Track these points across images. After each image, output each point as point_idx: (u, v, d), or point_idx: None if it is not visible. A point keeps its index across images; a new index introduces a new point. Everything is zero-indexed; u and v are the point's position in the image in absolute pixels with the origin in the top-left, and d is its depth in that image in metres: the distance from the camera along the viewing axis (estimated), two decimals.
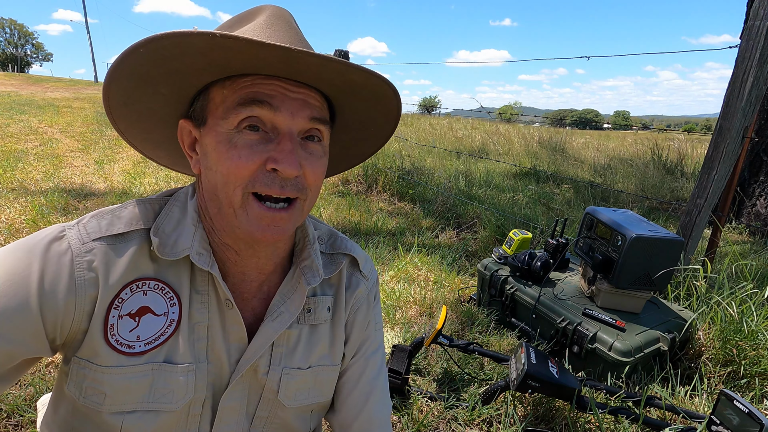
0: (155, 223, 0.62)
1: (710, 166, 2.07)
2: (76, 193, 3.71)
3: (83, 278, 0.56)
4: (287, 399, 0.69)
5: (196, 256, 0.61)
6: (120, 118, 0.63)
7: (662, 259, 1.72)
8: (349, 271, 0.76)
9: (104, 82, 0.56)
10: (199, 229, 0.63)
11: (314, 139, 0.60)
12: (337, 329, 0.74)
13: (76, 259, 0.56)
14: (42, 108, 10.15)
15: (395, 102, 0.64)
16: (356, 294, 0.76)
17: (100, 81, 34.10)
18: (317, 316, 0.71)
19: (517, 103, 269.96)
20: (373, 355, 0.80)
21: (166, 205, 0.64)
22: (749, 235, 4.03)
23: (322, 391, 0.74)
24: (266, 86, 0.56)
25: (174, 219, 0.63)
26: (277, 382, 0.68)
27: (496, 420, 1.47)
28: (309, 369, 0.71)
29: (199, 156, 0.62)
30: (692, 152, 6.76)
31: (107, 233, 0.58)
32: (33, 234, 0.58)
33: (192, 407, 0.63)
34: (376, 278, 0.81)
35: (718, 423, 1.27)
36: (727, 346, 1.71)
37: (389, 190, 4.56)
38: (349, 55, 3.96)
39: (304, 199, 0.61)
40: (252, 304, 0.68)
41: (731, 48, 2.05)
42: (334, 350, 0.74)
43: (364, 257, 0.78)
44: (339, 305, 0.74)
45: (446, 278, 2.58)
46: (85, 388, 0.59)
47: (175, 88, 0.60)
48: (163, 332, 0.60)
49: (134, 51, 0.51)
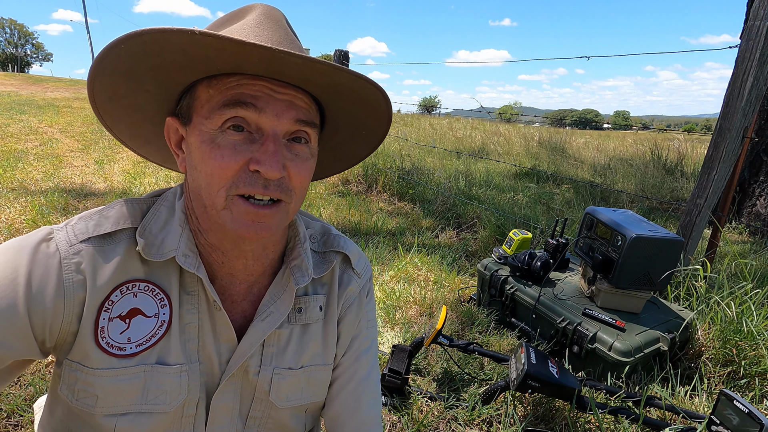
0: (142, 223, 0.61)
1: (710, 166, 2.07)
2: (76, 193, 3.71)
3: (71, 280, 0.56)
4: (279, 400, 0.69)
5: (183, 258, 0.60)
6: (106, 114, 0.62)
7: (662, 259, 1.72)
8: (341, 269, 0.75)
9: (88, 78, 0.56)
10: (185, 230, 0.62)
11: (301, 140, 0.59)
12: (329, 328, 0.73)
13: (63, 261, 0.56)
14: (42, 108, 10.15)
15: (384, 106, 0.63)
16: (347, 291, 0.75)
17: None
18: (309, 315, 0.70)
19: (517, 103, 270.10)
20: (366, 353, 0.79)
21: (154, 205, 0.64)
22: (749, 235, 4.04)
23: (315, 391, 0.73)
24: (252, 87, 0.55)
25: (161, 219, 0.62)
26: (268, 383, 0.68)
27: (496, 420, 1.47)
28: (301, 369, 0.70)
29: (185, 154, 0.62)
30: (692, 152, 6.76)
31: (95, 233, 0.58)
32: (20, 236, 0.58)
33: (186, 408, 0.63)
34: (369, 275, 0.80)
35: (718, 423, 1.27)
36: (726, 346, 1.71)
37: (389, 190, 4.56)
38: (349, 55, 3.96)
39: (288, 201, 0.60)
40: (242, 306, 0.68)
41: (731, 48, 2.05)
42: (327, 349, 0.73)
43: (357, 254, 0.77)
44: (332, 304, 0.73)
45: (446, 278, 2.58)
46: (77, 391, 0.58)
47: (161, 85, 0.59)
48: (154, 334, 0.60)
49: (116, 46, 0.50)
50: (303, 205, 2.49)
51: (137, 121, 0.66)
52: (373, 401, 0.78)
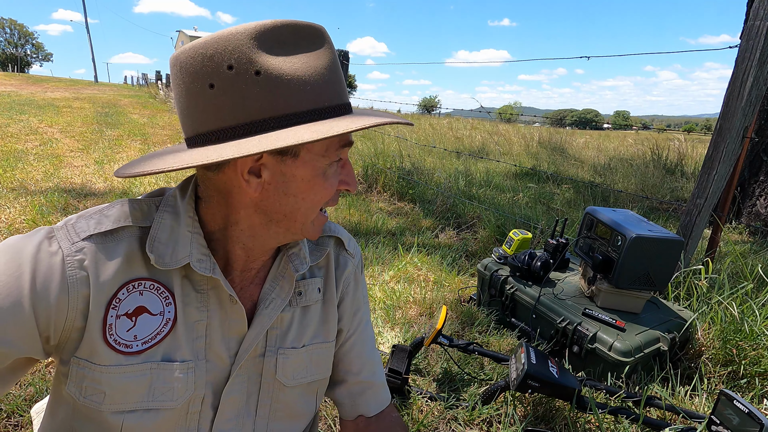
0: (149, 235, 0.60)
1: (710, 166, 2.07)
2: (76, 193, 3.72)
3: (75, 277, 0.56)
4: (286, 378, 0.72)
5: (197, 264, 0.61)
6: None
7: (662, 259, 1.72)
8: (336, 252, 0.79)
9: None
10: (195, 235, 0.62)
11: None
12: (329, 308, 0.77)
13: (66, 258, 0.56)
14: (42, 108, 10.15)
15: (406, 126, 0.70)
16: (345, 273, 0.80)
17: (101, 81, 34.08)
18: (308, 297, 0.74)
19: (517, 103, 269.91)
20: (367, 322, 0.87)
21: (157, 213, 0.62)
22: (749, 235, 4.03)
23: (319, 368, 0.77)
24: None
25: (167, 227, 0.62)
26: (274, 363, 0.70)
27: (496, 420, 1.47)
28: (303, 348, 0.73)
29: (264, 180, 0.59)
30: (692, 152, 6.76)
31: (96, 231, 0.59)
32: (20, 236, 0.58)
33: (191, 404, 0.64)
34: (360, 253, 0.85)
35: (718, 423, 1.27)
36: (727, 346, 1.71)
37: (389, 190, 4.56)
38: (349, 55, 3.96)
39: None
40: (249, 291, 0.70)
41: (731, 48, 2.05)
42: (327, 328, 0.77)
43: (347, 236, 0.82)
44: (329, 285, 0.77)
45: (446, 278, 2.58)
46: (84, 388, 0.59)
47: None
48: (159, 331, 0.61)
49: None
50: None
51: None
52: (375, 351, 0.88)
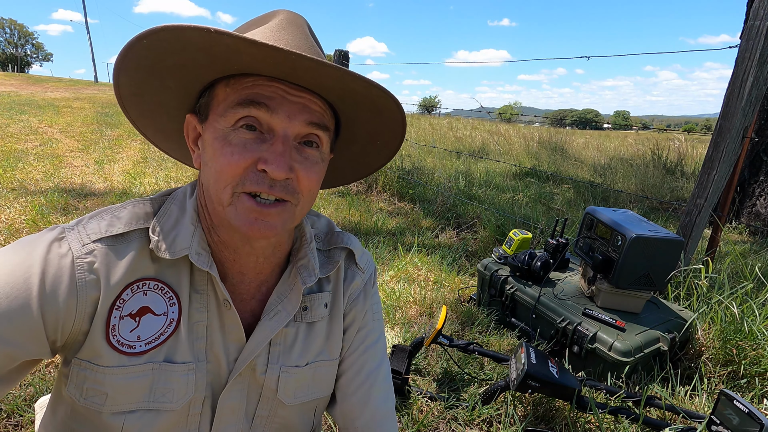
0: (153, 221, 0.62)
1: (710, 166, 2.07)
2: (76, 193, 3.71)
3: (84, 280, 0.56)
4: (287, 397, 0.70)
5: (195, 256, 0.61)
6: (131, 107, 0.65)
7: (662, 259, 1.72)
8: (345, 265, 0.77)
9: (113, 72, 0.58)
10: (198, 229, 0.63)
11: (312, 144, 0.60)
12: (334, 324, 0.74)
13: (76, 261, 0.56)
14: (42, 108, 10.15)
15: (399, 115, 0.64)
16: (352, 286, 0.76)
17: (101, 81, 34.09)
18: (314, 313, 0.71)
19: (517, 103, 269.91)
20: (374, 345, 0.79)
21: (165, 203, 0.65)
22: (749, 235, 4.04)
23: (321, 387, 0.74)
24: (267, 88, 0.56)
25: (172, 217, 0.63)
26: (276, 381, 0.68)
27: (496, 420, 1.47)
28: (307, 366, 0.71)
29: (200, 151, 0.63)
30: (692, 152, 6.76)
31: (107, 234, 0.58)
32: (31, 236, 0.58)
33: (192, 406, 0.64)
34: (373, 270, 0.81)
35: (718, 423, 1.27)
36: (727, 346, 1.71)
37: (389, 190, 4.56)
38: (349, 55, 3.96)
39: (295, 204, 0.60)
40: (251, 305, 0.68)
41: (731, 48, 2.05)
42: (331, 345, 0.74)
43: (360, 250, 0.79)
44: (337, 300, 0.74)
45: (446, 278, 2.58)
46: (86, 390, 0.59)
47: (182, 82, 0.61)
48: (162, 332, 0.61)
49: (138, 41, 0.52)
50: None
51: (160, 117, 0.68)
52: (384, 395, 0.78)
